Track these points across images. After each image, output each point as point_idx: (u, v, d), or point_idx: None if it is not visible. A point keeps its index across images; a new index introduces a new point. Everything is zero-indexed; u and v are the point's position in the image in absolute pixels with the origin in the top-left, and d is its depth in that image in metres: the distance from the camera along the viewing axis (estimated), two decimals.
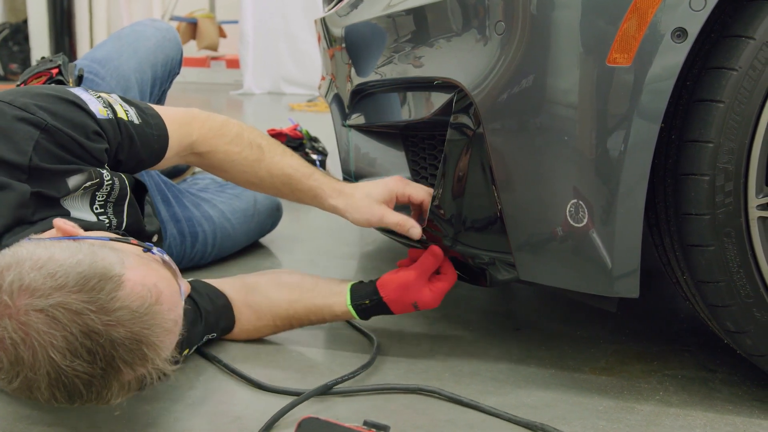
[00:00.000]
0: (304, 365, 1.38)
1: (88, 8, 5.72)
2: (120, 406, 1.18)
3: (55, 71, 1.57)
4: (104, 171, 1.21)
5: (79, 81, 1.66)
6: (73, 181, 1.16)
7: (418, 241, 1.39)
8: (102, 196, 1.22)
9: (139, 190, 1.38)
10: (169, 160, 1.35)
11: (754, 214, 1.10)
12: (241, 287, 1.41)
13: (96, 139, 1.19)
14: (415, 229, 1.35)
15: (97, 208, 1.21)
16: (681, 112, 1.10)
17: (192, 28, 6.16)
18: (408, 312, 1.37)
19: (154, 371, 1.00)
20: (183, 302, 1.09)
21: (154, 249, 1.11)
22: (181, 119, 1.35)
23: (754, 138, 1.08)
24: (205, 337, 1.36)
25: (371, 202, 1.37)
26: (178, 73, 2.01)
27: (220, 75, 6.93)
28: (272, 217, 2.11)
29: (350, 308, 1.36)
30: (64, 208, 1.17)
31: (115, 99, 1.27)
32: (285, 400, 1.20)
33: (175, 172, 2.28)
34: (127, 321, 0.96)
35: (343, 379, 1.27)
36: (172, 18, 5.85)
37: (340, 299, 1.37)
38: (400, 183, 1.38)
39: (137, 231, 1.31)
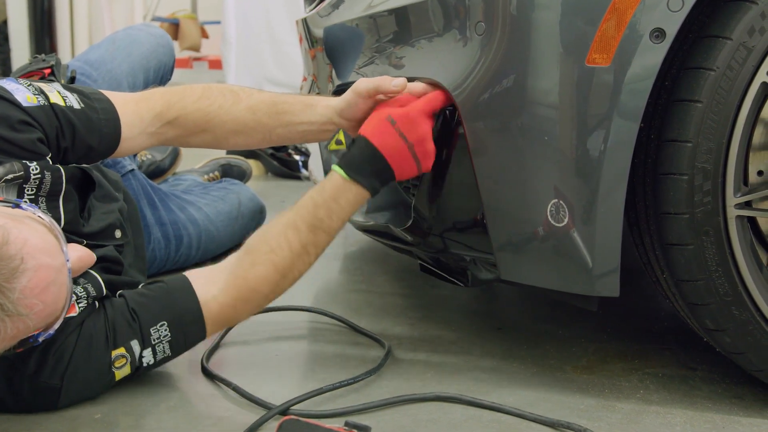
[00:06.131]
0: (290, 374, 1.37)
1: (69, 9, 5.66)
2: (101, 409, 1.19)
3: (47, 71, 1.56)
4: (32, 164, 1.16)
5: (72, 82, 1.64)
6: None
7: (406, 243, 1.38)
8: (31, 190, 1.17)
9: (87, 186, 1.34)
10: (138, 140, 1.29)
11: (732, 213, 1.11)
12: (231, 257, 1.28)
13: (23, 129, 1.15)
14: (398, 80, 1.23)
15: (26, 202, 1.16)
16: (660, 112, 1.11)
17: (174, 28, 6.13)
18: (390, 137, 1.19)
19: (13, 323, 0.96)
20: (69, 262, 1.06)
21: (23, 204, 1.08)
22: (140, 96, 1.30)
23: (732, 137, 1.09)
24: (154, 329, 1.21)
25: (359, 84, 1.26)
26: (169, 79, 2.00)
27: (202, 76, 6.87)
28: (256, 220, 2.10)
29: (335, 169, 1.22)
30: None
31: (52, 87, 1.22)
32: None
33: (157, 172, 2.27)
34: None
35: (334, 387, 1.26)
36: (154, 19, 5.82)
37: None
38: (366, 80, 1.26)
39: (75, 229, 1.26)
